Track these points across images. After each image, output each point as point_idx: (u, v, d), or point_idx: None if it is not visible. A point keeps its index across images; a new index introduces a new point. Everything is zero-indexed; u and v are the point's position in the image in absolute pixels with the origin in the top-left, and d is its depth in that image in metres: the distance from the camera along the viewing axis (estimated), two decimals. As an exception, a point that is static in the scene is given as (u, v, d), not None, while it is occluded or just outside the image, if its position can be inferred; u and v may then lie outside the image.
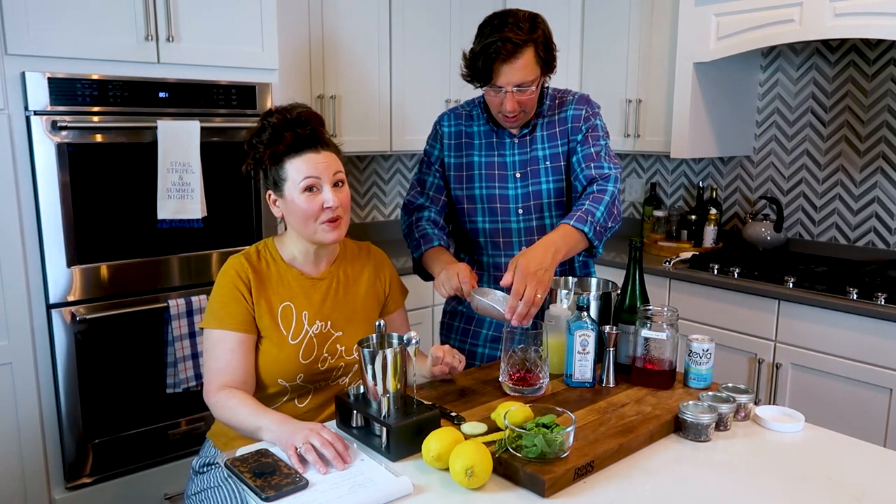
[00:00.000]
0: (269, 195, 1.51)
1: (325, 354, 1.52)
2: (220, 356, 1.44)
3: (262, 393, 1.48)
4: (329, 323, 1.53)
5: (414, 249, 1.82)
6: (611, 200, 1.67)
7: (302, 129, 1.44)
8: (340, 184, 1.48)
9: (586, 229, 1.60)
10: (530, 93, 1.65)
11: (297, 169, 1.43)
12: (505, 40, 1.56)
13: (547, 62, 1.64)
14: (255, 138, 1.47)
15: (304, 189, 1.43)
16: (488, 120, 1.79)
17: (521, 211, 1.80)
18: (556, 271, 1.67)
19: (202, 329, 1.49)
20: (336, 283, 1.57)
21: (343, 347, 1.54)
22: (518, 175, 1.79)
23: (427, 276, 1.83)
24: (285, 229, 1.56)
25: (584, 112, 1.77)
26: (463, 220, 1.86)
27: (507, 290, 1.49)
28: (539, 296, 1.46)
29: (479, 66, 1.61)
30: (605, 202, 1.65)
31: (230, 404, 1.37)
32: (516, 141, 1.78)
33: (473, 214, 1.83)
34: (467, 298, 1.59)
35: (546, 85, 1.77)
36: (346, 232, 1.53)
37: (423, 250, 1.78)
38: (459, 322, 1.93)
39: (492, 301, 1.53)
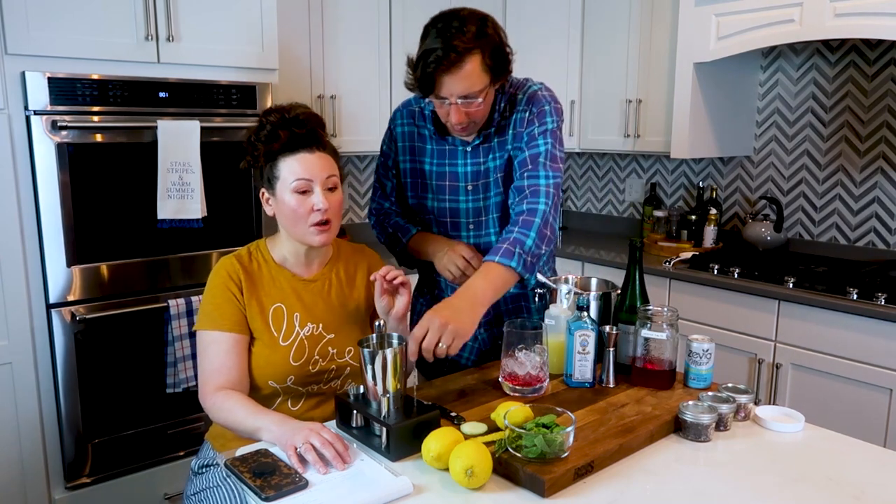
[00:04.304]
0: (263, 193, 1.49)
1: (317, 357, 1.50)
2: (214, 358, 1.43)
3: (255, 395, 1.47)
4: (321, 325, 1.51)
5: (394, 243, 1.78)
6: (542, 222, 1.50)
7: (299, 128, 1.43)
8: (334, 188, 1.46)
9: (514, 264, 1.45)
10: (477, 104, 1.50)
11: (290, 169, 1.42)
12: (447, 48, 1.43)
13: (497, 69, 1.49)
14: (254, 136, 1.46)
15: (294, 190, 1.42)
16: (437, 122, 1.65)
17: (471, 226, 1.70)
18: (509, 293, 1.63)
19: (196, 331, 1.48)
20: (328, 285, 1.56)
21: (335, 350, 1.52)
22: (469, 188, 1.66)
23: (413, 264, 1.80)
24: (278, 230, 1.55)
25: (527, 115, 1.61)
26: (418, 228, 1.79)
27: None
28: (446, 346, 1.32)
29: (420, 75, 1.47)
30: (536, 226, 1.49)
31: (227, 406, 1.37)
32: (468, 150, 1.65)
33: (427, 225, 1.76)
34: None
35: (506, 85, 1.61)
36: (337, 234, 1.52)
37: (405, 241, 1.74)
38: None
39: None
